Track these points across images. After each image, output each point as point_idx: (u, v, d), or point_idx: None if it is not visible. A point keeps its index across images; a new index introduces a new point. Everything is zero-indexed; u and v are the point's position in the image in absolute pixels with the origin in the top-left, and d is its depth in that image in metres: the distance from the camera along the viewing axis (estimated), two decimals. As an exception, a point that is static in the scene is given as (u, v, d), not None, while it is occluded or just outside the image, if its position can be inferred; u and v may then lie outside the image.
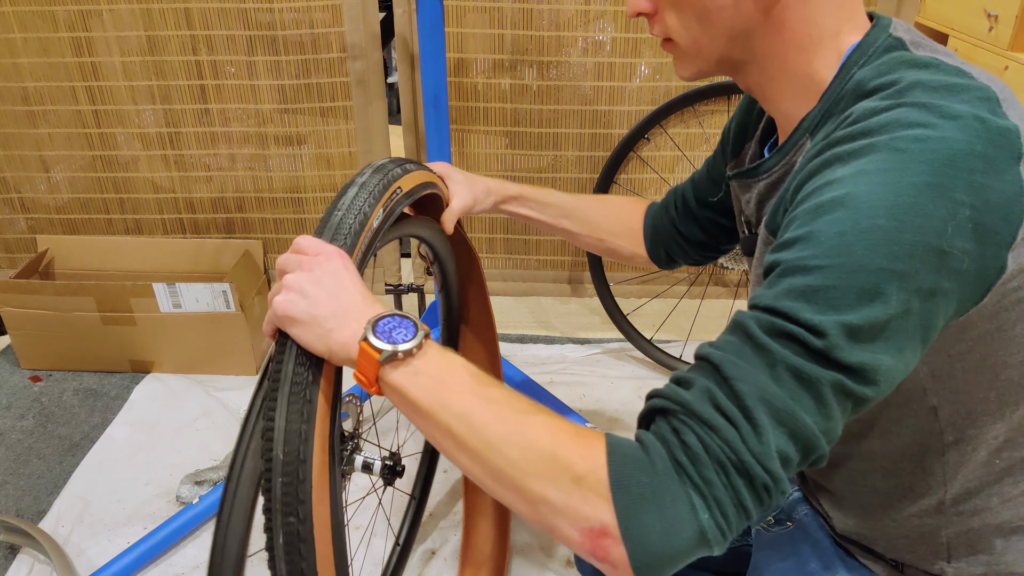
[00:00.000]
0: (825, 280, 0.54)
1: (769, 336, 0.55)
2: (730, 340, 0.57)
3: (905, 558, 0.77)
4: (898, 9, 1.70)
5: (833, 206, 0.56)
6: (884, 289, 0.54)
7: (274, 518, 0.61)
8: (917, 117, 0.57)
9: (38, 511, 1.50)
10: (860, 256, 0.54)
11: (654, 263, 1.12)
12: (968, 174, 0.55)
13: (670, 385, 0.59)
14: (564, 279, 2.05)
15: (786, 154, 0.71)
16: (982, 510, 0.71)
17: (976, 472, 0.70)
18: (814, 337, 0.54)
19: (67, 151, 1.92)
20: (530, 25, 1.72)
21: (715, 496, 0.54)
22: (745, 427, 0.54)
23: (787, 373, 0.54)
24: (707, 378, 0.56)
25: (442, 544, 1.43)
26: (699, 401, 0.55)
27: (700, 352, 0.59)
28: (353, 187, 0.76)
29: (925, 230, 0.54)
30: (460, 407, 0.60)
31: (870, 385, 0.55)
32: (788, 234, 0.58)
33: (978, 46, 2.66)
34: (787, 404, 0.54)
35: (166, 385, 1.84)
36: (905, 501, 0.73)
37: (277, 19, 1.75)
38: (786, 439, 0.54)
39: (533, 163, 1.89)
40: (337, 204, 0.74)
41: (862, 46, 0.66)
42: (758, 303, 0.57)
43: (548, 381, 1.84)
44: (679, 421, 0.56)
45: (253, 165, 1.92)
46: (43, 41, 1.79)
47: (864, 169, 0.56)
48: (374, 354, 0.62)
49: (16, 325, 1.84)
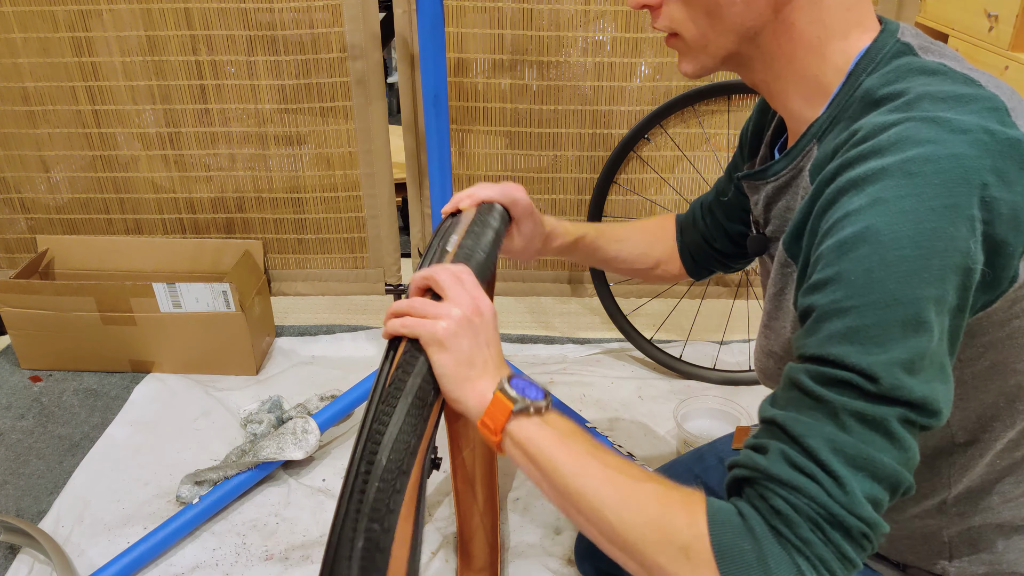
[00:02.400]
0: (864, 320, 0.55)
1: (823, 386, 0.56)
2: (788, 396, 0.58)
3: (907, 558, 0.77)
4: (898, 9, 1.70)
5: (856, 242, 0.56)
6: (925, 317, 0.54)
7: (360, 520, 0.59)
8: (927, 133, 0.56)
9: (38, 511, 1.50)
10: (893, 290, 0.54)
11: (692, 277, 1.11)
12: (981, 189, 0.55)
13: (746, 452, 0.60)
14: (564, 279, 2.05)
15: (794, 158, 0.71)
16: (983, 510, 0.71)
17: (979, 472, 0.70)
18: (867, 382, 0.54)
19: (67, 151, 1.92)
20: (530, 25, 1.72)
21: (817, 555, 0.54)
22: (827, 480, 0.54)
23: (852, 419, 0.55)
24: (777, 440, 0.58)
25: (443, 544, 1.43)
26: (776, 464, 0.56)
27: (763, 415, 0.60)
28: (489, 229, 0.82)
29: (951, 252, 0.54)
30: (579, 466, 0.62)
31: (934, 416, 0.56)
32: (817, 275, 0.58)
33: (978, 46, 2.66)
34: (859, 449, 0.54)
35: (166, 385, 1.84)
36: (909, 501, 0.73)
37: (277, 19, 1.75)
38: (870, 482, 0.55)
39: (533, 163, 1.89)
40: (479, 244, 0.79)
41: (871, 52, 0.66)
42: (804, 352, 0.58)
43: (548, 381, 1.84)
44: (763, 488, 0.57)
45: (253, 165, 1.92)
46: (43, 41, 1.79)
47: (880, 197, 0.56)
48: (508, 404, 0.65)
49: (16, 325, 1.84)
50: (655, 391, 1.83)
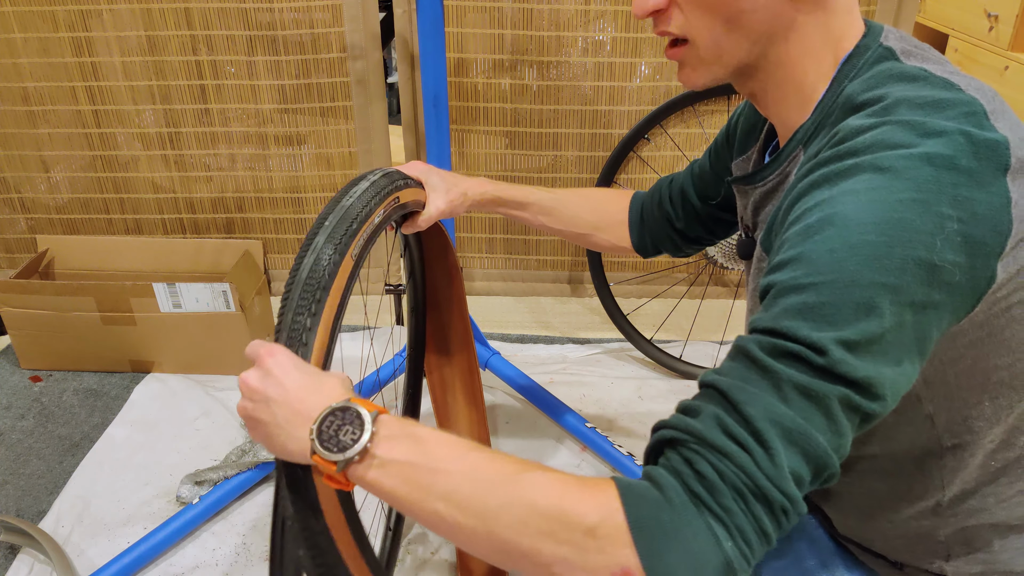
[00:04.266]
0: (820, 297, 0.55)
1: (772, 357, 0.55)
2: (734, 365, 0.57)
3: (904, 557, 0.77)
4: (898, 9, 1.70)
5: (823, 226, 0.56)
6: (878, 303, 0.54)
7: None
8: (901, 137, 0.57)
9: (38, 511, 1.50)
10: (852, 271, 0.54)
11: (639, 253, 1.11)
12: (952, 188, 0.55)
13: (677, 415, 0.58)
14: (564, 279, 2.05)
15: (781, 163, 0.72)
16: (978, 511, 0.71)
17: (972, 474, 0.70)
18: (815, 354, 0.54)
19: (67, 151, 1.92)
20: (530, 25, 1.72)
21: (736, 524, 0.53)
22: (758, 451, 0.53)
23: (794, 391, 0.54)
24: (715, 405, 0.56)
25: (442, 545, 1.43)
26: (709, 429, 0.55)
27: (704, 379, 0.58)
28: (365, 181, 0.79)
29: (914, 244, 0.54)
30: (444, 487, 0.57)
31: (876, 400, 0.55)
32: (780, 256, 0.59)
33: (978, 46, 2.66)
34: (798, 424, 0.54)
35: (166, 385, 1.84)
36: (903, 503, 0.73)
37: (277, 19, 1.75)
38: (799, 459, 0.54)
39: (533, 163, 1.89)
40: (348, 191, 0.77)
41: (853, 57, 0.66)
42: (757, 326, 0.57)
43: (548, 381, 1.84)
44: (691, 451, 0.55)
45: (253, 165, 1.92)
46: (43, 41, 1.79)
47: (851, 189, 0.57)
48: (330, 467, 0.59)
49: (16, 325, 1.84)
50: (655, 391, 1.83)
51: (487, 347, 1.81)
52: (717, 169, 0.99)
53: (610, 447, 1.56)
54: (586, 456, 1.62)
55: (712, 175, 1.00)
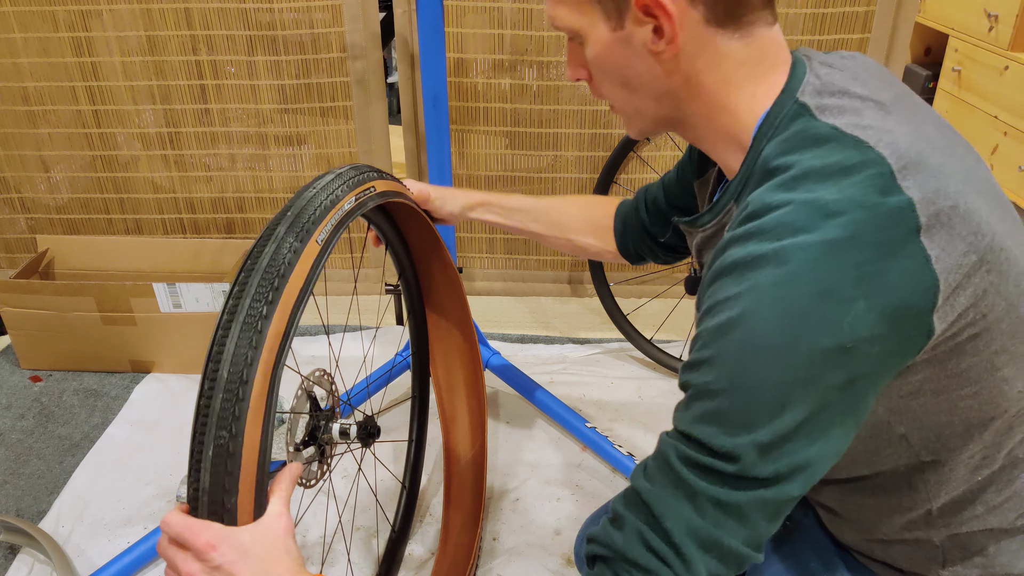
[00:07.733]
0: (733, 403, 0.58)
1: (687, 468, 0.60)
2: (657, 471, 0.63)
3: (902, 564, 0.78)
4: (898, 9, 1.70)
5: (732, 326, 0.59)
6: (788, 399, 0.57)
7: (208, 430, 0.66)
8: (804, 220, 0.58)
9: (38, 511, 1.50)
10: (761, 375, 0.57)
11: (624, 259, 1.14)
12: (855, 269, 0.56)
13: (605, 528, 0.65)
14: (564, 279, 2.05)
15: (717, 214, 0.73)
16: (970, 519, 0.72)
17: (958, 486, 0.71)
18: (727, 463, 0.58)
19: (67, 151, 1.93)
20: (530, 25, 1.72)
21: None
22: (676, 563, 0.60)
23: (708, 503, 0.60)
24: (638, 516, 0.63)
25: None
26: (632, 546, 0.62)
27: (634, 483, 0.64)
28: (331, 174, 0.84)
29: (818, 335, 0.56)
30: None
31: (794, 484, 0.59)
32: (695, 354, 0.62)
33: (978, 46, 2.66)
34: (711, 532, 0.60)
35: (166, 385, 1.84)
36: (895, 515, 0.74)
37: (277, 19, 1.75)
38: (715, 562, 0.61)
39: (533, 163, 1.89)
40: (313, 183, 0.81)
41: (770, 116, 0.66)
42: (677, 427, 0.63)
43: (548, 381, 1.84)
44: (618, 567, 0.63)
45: (253, 165, 1.92)
46: (43, 41, 1.79)
47: (756, 284, 0.58)
48: None
49: (16, 325, 1.84)
50: (655, 391, 1.83)
51: (487, 347, 1.81)
52: (683, 184, 1.01)
53: (610, 447, 1.56)
54: (586, 456, 1.62)
55: (679, 188, 1.02)
